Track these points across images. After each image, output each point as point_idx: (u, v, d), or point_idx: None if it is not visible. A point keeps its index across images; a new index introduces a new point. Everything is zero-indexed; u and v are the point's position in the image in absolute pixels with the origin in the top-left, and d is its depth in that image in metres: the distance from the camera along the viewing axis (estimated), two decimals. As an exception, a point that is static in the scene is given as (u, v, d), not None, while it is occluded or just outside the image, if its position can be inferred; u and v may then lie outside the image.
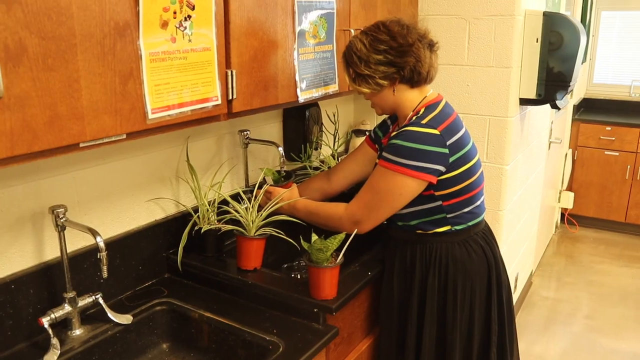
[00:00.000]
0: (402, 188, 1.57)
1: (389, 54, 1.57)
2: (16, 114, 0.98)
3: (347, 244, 1.56)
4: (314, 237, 1.53)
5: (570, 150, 4.79)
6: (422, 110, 1.61)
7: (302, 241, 1.56)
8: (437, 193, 1.59)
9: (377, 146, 1.86)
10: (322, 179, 1.98)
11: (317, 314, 1.55)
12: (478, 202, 1.68)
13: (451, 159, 1.56)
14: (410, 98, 1.64)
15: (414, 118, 1.60)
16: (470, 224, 1.66)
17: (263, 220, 1.72)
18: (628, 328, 3.39)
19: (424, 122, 1.56)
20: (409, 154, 1.53)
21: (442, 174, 1.56)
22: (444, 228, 1.64)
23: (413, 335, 1.68)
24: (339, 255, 1.55)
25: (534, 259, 3.92)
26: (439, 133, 1.54)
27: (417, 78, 1.61)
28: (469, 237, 1.67)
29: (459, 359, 1.66)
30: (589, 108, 5.23)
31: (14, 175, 1.39)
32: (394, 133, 1.60)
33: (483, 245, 1.69)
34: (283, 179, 2.00)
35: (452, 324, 1.64)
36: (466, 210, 1.64)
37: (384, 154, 1.59)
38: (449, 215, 1.62)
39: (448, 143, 1.55)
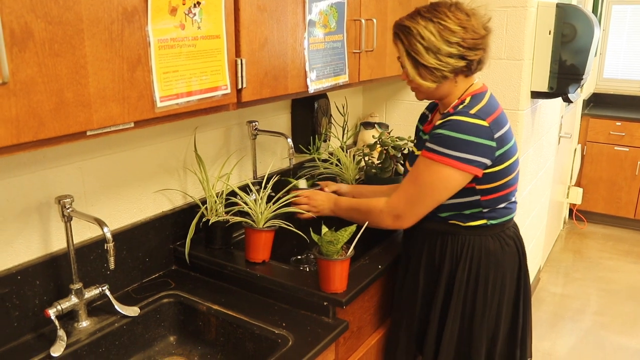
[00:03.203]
0: (447, 181, 1.50)
1: (461, 46, 1.46)
2: (22, 100, 0.96)
3: (358, 236, 1.53)
4: (324, 229, 1.51)
5: (580, 145, 4.74)
6: (468, 99, 1.53)
7: (312, 233, 1.53)
8: (478, 187, 1.53)
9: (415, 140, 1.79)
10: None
11: (327, 308, 1.52)
12: (513, 199, 1.64)
13: (497, 153, 1.50)
14: (462, 87, 1.57)
15: (459, 107, 1.52)
16: (504, 219, 1.62)
17: (272, 212, 1.70)
18: (637, 325, 3.35)
19: (472, 112, 1.48)
20: (455, 144, 1.46)
21: (487, 167, 1.51)
22: (479, 222, 1.58)
23: (435, 328, 1.63)
24: (349, 247, 1.53)
25: (542, 255, 3.89)
26: (487, 125, 1.47)
27: (478, 68, 1.54)
28: (502, 231, 1.62)
29: (484, 353, 1.63)
30: (598, 103, 5.18)
31: (20, 165, 1.37)
32: (439, 122, 1.52)
33: (515, 239, 1.66)
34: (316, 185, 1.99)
35: (481, 318, 1.60)
36: (502, 206, 1.60)
37: (428, 144, 1.51)
38: (484, 210, 1.57)
39: (495, 136, 1.49)
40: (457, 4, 1.50)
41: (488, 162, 1.49)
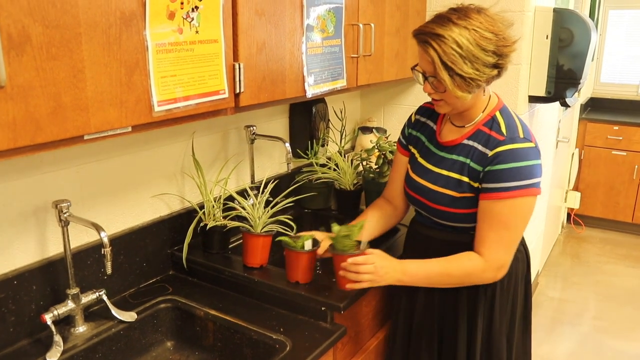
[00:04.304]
0: (531, 209, 1.47)
1: (496, 54, 1.39)
2: (19, 104, 0.96)
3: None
4: (335, 226, 1.48)
5: (577, 149, 4.75)
6: (498, 116, 1.50)
7: (325, 231, 1.50)
8: None
9: (409, 152, 1.71)
10: (385, 206, 1.78)
11: (325, 313, 1.52)
12: None
13: (542, 168, 1.49)
14: (483, 97, 1.52)
15: (503, 130, 1.47)
16: None
17: (270, 217, 1.69)
18: (636, 329, 3.35)
19: (521, 136, 1.46)
20: (523, 173, 1.42)
21: None
22: None
23: (464, 339, 1.60)
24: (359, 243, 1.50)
25: (540, 259, 3.89)
26: (535, 145, 1.46)
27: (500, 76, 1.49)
28: None
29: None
30: (596, 107, 5.19)
31: (17, 169, 1.37)
32: (492, 156, 1.44)
33: (523, 244, 1.66)
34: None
35: (499, 325, 1.59)
36: None
37: (493, 184, 1.44)
38: None
39: (540, 153, 1.48)
40: (483, 9, 1.44)
41: (541, 178, 1.48)
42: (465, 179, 1.51)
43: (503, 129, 1.48)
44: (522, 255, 1.65)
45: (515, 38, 1.45)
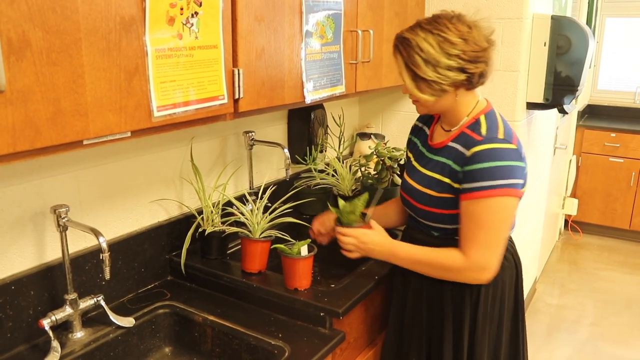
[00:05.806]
0: (509, 210, 1.45)
1: (461, 59, 1.41)
2: (19, 109, 0.96)
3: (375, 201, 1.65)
4: (341, 201, 1.60)
5: (575, 156, 4.76)
6: (482, 119, 1.50)
7: (330, 206, 1.65)
8: None
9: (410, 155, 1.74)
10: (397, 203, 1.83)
11: (324, 318, 1.52)
12: None
13: (525, 172, 1.48)
14: (466, 101, 1.51)
15: (481, 130, 1.47)
16: None
17: (268, 222, 1.69)
18: (633, 336, 3.35)
19: (500, 137, 1.45)
20: (500, 173, 1.41)
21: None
22: None
23: (450, 348, 1.60)
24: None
25: (538, 266, 3.89)
26: (516, 147, 1.45)
27: (480, 82, 1.49)
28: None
29: None
30: (593, 114, 5.21)
31: (15, 174, 1.36)
32: (469, 156, 1.44)
33: (512, 252, 1.65)
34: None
35: (481, 334, 1.58)
36: None
37: (470, 184, 1.44)
38: None
39: (523, 156, 1.47)
40: (459, 16, 1.46)
41: (523, 182, 1.47)
42: (446, 180, 1.52)
43: (482, 130, 1.48)
44: (509, 263, 1.63)
45: (485, 45, 1.45)
